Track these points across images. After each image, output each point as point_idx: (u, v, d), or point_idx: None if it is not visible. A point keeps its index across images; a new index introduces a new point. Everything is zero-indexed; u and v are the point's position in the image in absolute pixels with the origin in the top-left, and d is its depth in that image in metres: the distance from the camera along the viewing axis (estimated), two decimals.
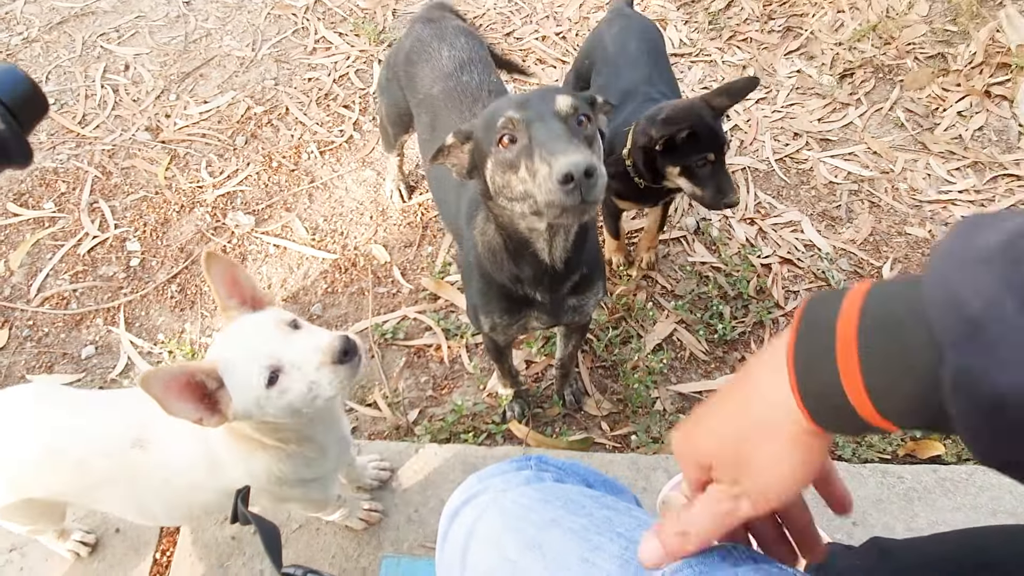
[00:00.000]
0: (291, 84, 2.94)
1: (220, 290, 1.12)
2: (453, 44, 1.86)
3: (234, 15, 3.25)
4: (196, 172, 2.61)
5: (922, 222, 2.44)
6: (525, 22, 3.23)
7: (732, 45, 3.10)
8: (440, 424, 1.93)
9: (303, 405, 1.06)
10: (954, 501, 1.73)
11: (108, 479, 1.22)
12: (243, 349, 1.06)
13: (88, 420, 1.24)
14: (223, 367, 1.03)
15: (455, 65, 1.81)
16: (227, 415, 1.04)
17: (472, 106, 1.73)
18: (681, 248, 2.38)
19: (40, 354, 2.13)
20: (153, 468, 1.21)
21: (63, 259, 2.35)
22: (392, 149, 2.33)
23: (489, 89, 1.77)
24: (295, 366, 1.04)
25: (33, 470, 1.22)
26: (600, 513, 0.85)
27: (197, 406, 1.02)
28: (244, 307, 1.14)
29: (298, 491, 1.34)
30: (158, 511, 1.29)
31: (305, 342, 1.07)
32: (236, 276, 1.13)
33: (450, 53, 1.84)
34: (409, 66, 1.92)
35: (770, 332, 2.17)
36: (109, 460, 1.20)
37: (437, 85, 1.81)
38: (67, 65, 3.00)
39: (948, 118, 2.75)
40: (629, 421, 1.98)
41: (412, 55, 1.91)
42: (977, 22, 2.96)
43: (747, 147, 2.69)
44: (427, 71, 1.85)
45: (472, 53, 1.85)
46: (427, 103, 1.84)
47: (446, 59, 1.83)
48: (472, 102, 1.74)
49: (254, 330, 1.08)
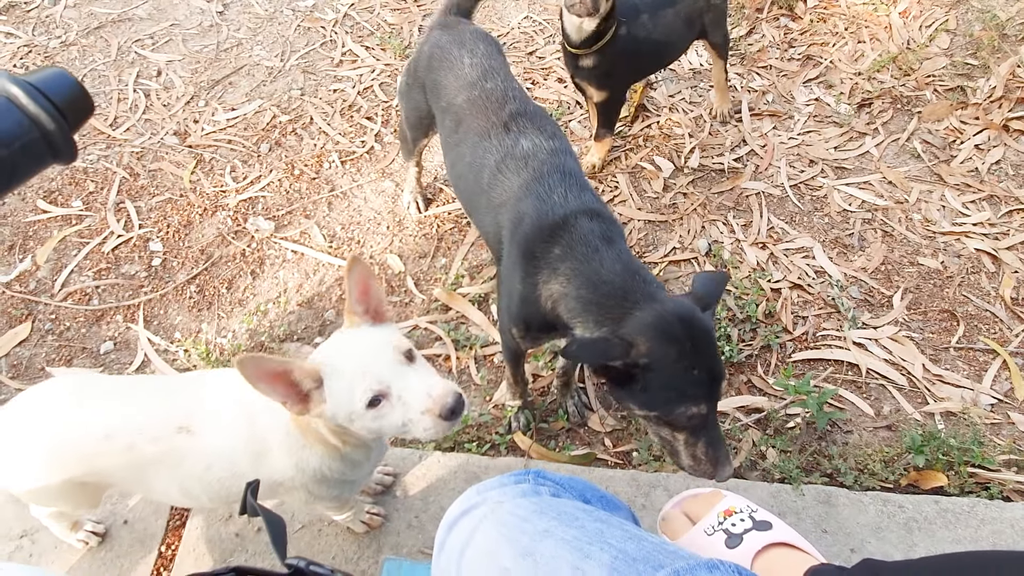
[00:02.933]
0: (316, 95, 3.01)
1: (352, 294, 1.17)
2: (473, 51, 1.91)
3: (265, 26, 3.33)
4: (220, 177, 2.68)
5: (935, 253, 2.44)
6: (548, 42, 3.28)
7: (752, 71, 3.12)
8: None
9: (391, 433, 1.11)
10: (954, 533, 1.73)
11: (154, 462, 1.27)
12: (355, 362, 1.10)
13: (137, 406, 1.29)
14: (328, 371, 1.08)
15: (478, 73, 1.86)
16: (313, 411, 1.10)
17: (499, 111, 1.77)
18: (692, 270, 2.41)
19: (60, 347, 2.19)
20: (197, 453, 1.26)
21: (88, 256, 2.42)
22: (411, 156, 2.37)
23: (512, 95, 1.82)
24: (401, 400, 1.07)
25: (86, 453, 1.27)
26: (592, 525, 0.88)
27: (287, 392, 1.08)
28: (366, 316, 1.19)
29: (335, 491, 1.39)
30: (200, 494, 1.33)
31: (419, 381, 1.09)
32: (369, 286, 1.19)
33: (471, 61, 1.89)
34: (431, 72, 1.97)
35: (777, 356, 2.18)
36: (156, 445, 1.25)
37: (461, 95, 1.86)
38: (102, 69, 3.09)
39: (965, 151, 2.75)
40: (632, 438, 1.99)
41: (433, 62, 1.97)
42: (998, 56, 2.97)
43: (762, 172, 2.71)
44: (451, 79, 1.90)
45: (492, 60, 1.91)
46: (451, 111, 1.88)
47: (468, 67, 1.88)
48: (498, 108, 1.78)
49: (371, 347, 1.12)
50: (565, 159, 1.67)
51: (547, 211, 1.54)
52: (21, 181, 0.81)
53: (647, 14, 2.35)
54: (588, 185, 1.65)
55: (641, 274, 1.43)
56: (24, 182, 0.81)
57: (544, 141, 1.70)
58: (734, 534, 1.16)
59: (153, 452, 1.25)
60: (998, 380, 2.13)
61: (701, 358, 1.30)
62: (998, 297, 2.33)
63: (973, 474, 1.88)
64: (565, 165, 1.64)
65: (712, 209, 2.59)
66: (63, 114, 0.79)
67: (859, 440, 2.00)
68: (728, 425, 2.02)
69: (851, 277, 2.38)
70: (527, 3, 3.47)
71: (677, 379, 1.29)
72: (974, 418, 2.02)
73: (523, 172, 1.64)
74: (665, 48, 2.53)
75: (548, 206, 1.55)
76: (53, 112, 0.77)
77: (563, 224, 1.50)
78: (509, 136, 1.71)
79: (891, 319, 2.27)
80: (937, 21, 3.14)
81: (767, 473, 1.92)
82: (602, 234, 1.49)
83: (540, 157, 1.66)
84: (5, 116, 0.75)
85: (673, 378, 1.29)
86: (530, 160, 1.65)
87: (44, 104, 0.77)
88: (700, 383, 1.31)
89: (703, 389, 1.31)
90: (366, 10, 3.41)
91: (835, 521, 1.75)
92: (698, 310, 1.35)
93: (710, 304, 1.38)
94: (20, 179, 0.80)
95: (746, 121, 2.89)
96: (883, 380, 2.13)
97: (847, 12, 3.28)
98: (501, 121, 1.75)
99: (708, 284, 1.43)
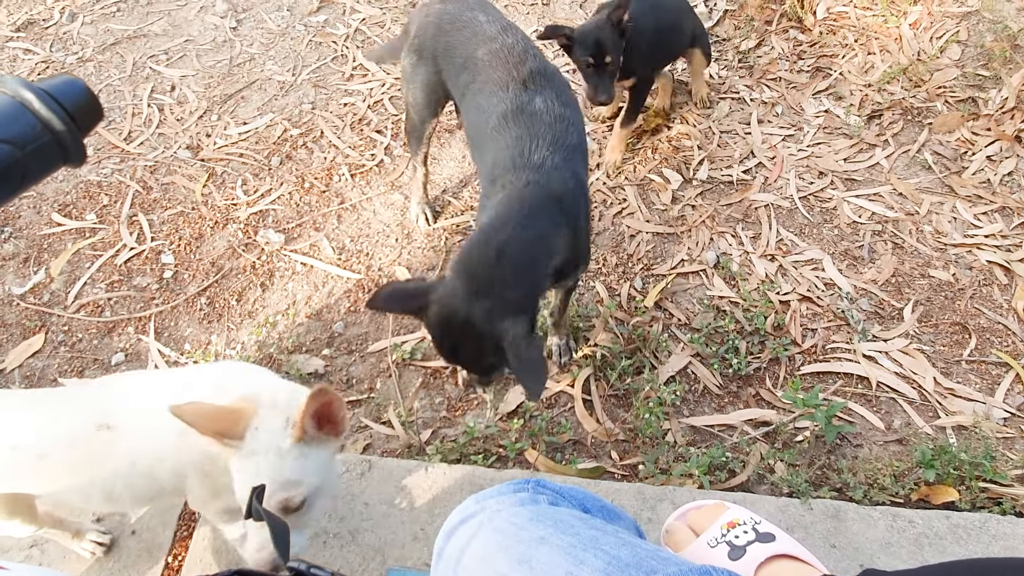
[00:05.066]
0: (327, 108, 3.04)
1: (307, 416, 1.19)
2: (486, 10, 1.98)
3: (277, 41, 3.38)
4: (231, 190, 2.71)
5: (946, 265, 2.42)
6: (557, 55, 3.30)
7: (761, 83, 3.12)
8: (452, 445, 1.96)
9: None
10: (966, 549, 1.70)
11: (72, 467, 1.27)
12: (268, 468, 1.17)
13: (48, 416, 1.29)
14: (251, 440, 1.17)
15: (497, 28, 1.91)
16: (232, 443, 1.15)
17: (520, 65, 1.81)
18: (700, 282, 2.40)
19: (73, 359, 2.21)
20: (121, 450, 1.26)
21: (100, 269, 2.45)
22: (419, 150, 2.37)
23: (533, 53, 1.86)
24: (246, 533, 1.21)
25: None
26: (587, 532, 0.88)
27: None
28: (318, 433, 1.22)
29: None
30: (123, 493, 1.32)
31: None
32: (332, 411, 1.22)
33: (487, 18, 1.94)
34: (442, 36, 2.00)
35: (786, 368, 2.16)
36: (74, 448, 1.25)
37: (481, 48, 1.89)
38: (117, 84, 3.14)
39: (977, 162, 2.73)
40: (639, 451, 1.98)
41: (444, 26, 2.00)
42: (1010, 67, 2.95)
43: (771, 184, 2.71)
44: (467, 36, 1.94)
45: (507, 20, 1.96)
46: (468, 66, 1.92)
47: (485, 23, 1.93)
48: (519, 62, 1.82)
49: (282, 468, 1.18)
50: (568, 129, 1.72)
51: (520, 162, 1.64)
52: (34, 182, 0.84)
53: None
54: (576, 162, 1.72)
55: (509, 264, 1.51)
56: (36, 183, 0.84)
57: (557, 106, 1.74)
58: (737, 546, 1.15)
59: (70, 457, 1.25)
60: (1011, 393, 2.10)
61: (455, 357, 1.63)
62: (1011, 309, 2.30)
63: (985, 489, 1.85)
64: (564, 136, 1.70)
65: (721, 221, 2.59)
66: (73, 118, 0.82)
67: (869, 454, 1.98)
68: (736, 438, 2.01)
69: (861, 289, 2.37)
70: (536, 17, 3.50)
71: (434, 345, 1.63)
72: (986, 432, 1.99)
73: (525, 127, 1.70)
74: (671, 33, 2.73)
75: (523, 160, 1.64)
76: (64, 116, 0.81)
77: (519, 179, 1.61)
78: (526, 92, 1.76)
79: (902, 332, 2.25)
80: (948, 32, 3.13)
81: (775, 487, 1.90)
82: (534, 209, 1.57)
83: (546, 120, 1.71)
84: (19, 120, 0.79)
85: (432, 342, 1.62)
86: (536, 118, 1.71)
87: (56, 108, 0.80)
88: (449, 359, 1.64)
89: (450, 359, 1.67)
90: (377, 25, 3.45)
91: (844, 536, 1.73)
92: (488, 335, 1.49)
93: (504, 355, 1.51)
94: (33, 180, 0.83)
95: (755, 133, 2.89)
96: (893, 393, 2.11)
97: (857, 24, 3.28)
98: (521, 76, 1.79)
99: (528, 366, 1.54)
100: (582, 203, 1.74)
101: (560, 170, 1.64)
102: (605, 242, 2.53)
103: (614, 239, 2.53)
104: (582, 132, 1.80)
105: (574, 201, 1.67)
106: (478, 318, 1.46)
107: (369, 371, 2.18)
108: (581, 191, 1.73)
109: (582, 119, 1.83)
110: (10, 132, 0.77)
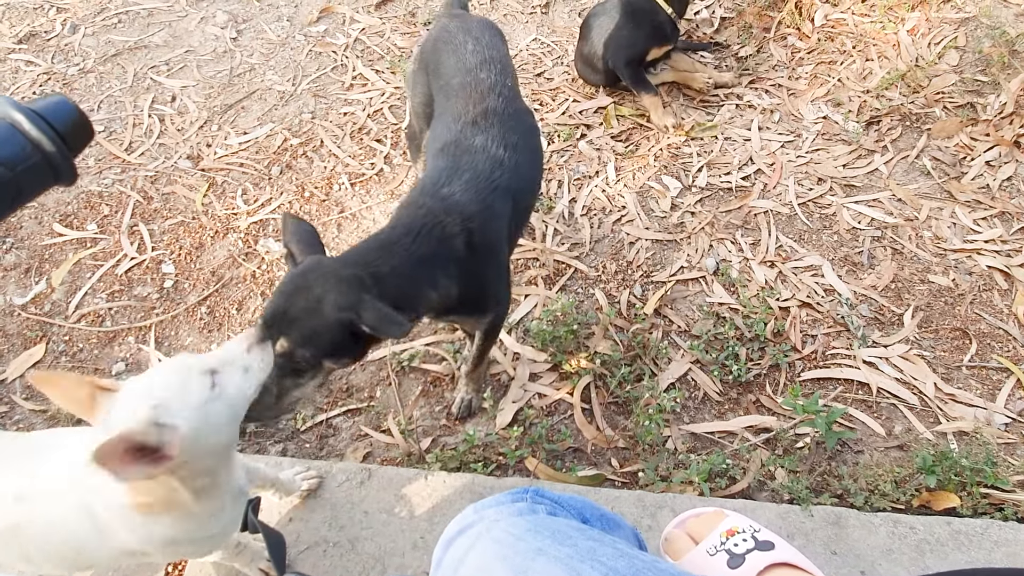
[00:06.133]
0: (327, 118, 3.05)
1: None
2: (478, 39, 1.98)
3: (277, 51, 3.39)
4: (232, 199, 2.71)
5: (946, 271, 2.42)
6: (556, 63, 3.31)
7: (760, 90, 3.13)
8: (451, 453, 1.96)
9: (243, 398, 1.13)
10: (968, 555, 1.70)
11: None
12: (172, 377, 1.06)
13: None
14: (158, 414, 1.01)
15: (477, 60, 1.92)
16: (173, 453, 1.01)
17: (479, 103, 1.82)
18: (700, 288, 2.40)
19: (74, 368, 2.22)
20: (34, 523, 1.18)
21: (101, 278, 2.46)
22: (418, 157, 2.39)
23: (499, 92, 1.86)
24: (227, 362, 1.12)
25: None
26: (584, 544, 0.88)
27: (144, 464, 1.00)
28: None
29: (199, 548, 1.32)
30: (42, 562, 1.23)
31: (225, 346, 1.16)
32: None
33: (474, 47, 1.95)
34: (435, 53, 2.03)
35: (786, 375, 2.16)
36: None
37: (457, 77, 1.91)
38: (118, 95, 3.15)
39: (976, 167, 2.73)
40: (639, 458, 1.98)
41: (439, 44, 2.03)
42: (1008, 73, 2.95)
43: (770, 190, 2.71)
44: (452, 60, 1.96)
45: (493, 51, 1.97)
46: (445, 90, 1.94)
47: (470, 53, 1.94)
48: (479, 100, 1.83)
49: (164, 367, 1.09)
50: (498, 172, 1.69)
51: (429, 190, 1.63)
52: (25, 201, 0.84)
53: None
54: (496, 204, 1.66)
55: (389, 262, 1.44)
56: (28, 202, 0.85)
57: (495, 148, 1.73)
58: (736, 554, 1.15)
59: None
60: (1012, 399, 2.10)
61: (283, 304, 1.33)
62: (1011, 315, 2.30)
63: (986, 495, 1.85)
64: (489, 176, 1.67)
65: (720, 228, 2.59)
66: (64, 138, 0.82)
67: (869, 460, 1.97)
68: (736, 445, 2.00)
69: (861, 295, 2.37)
70: (535, 26, 3.51)
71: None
72: (987, 438, 1.98)
73: (453, 160, 1.70)
74: None
75: (433, 188, 1.63)
76: (54, 137, 0.81)
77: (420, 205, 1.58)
78: (471, 129, 1.77)
79: (902, 337, 2.24)
80: (946, 38, 3.13)
81: (776, 494, 1.90)
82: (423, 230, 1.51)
83: (478, 158, 1.70)
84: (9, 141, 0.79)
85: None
86: (468, 155, 1.70)
87: (45, 129, 0.80)
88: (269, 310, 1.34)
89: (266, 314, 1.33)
90: (376, 34, 3.47)
91: (845, 543, 1.73)
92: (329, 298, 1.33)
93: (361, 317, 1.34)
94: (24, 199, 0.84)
95: (754, 139, 2.90)
96: (894, 399, 2.10)
97: (855, 30, 3.28)
98: (473, 113, 1.80)
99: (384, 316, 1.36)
100: (491, 244, 1.66)
101: (467, 207, 1.58)
102: (604, 249, 2.53)
103: (613, 246, 2.54)
104: (520, 178, 1.73)
105: (477, 241, 1.58)
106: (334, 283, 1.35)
107: (369, 379, 2.18)
108: (491, 232, 1.65)
109: (526, 164, 1.78)
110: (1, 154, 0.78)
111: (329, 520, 1.76)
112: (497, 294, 1.77)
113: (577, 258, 2.50)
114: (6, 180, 0.77)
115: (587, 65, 3.10)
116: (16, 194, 0.80)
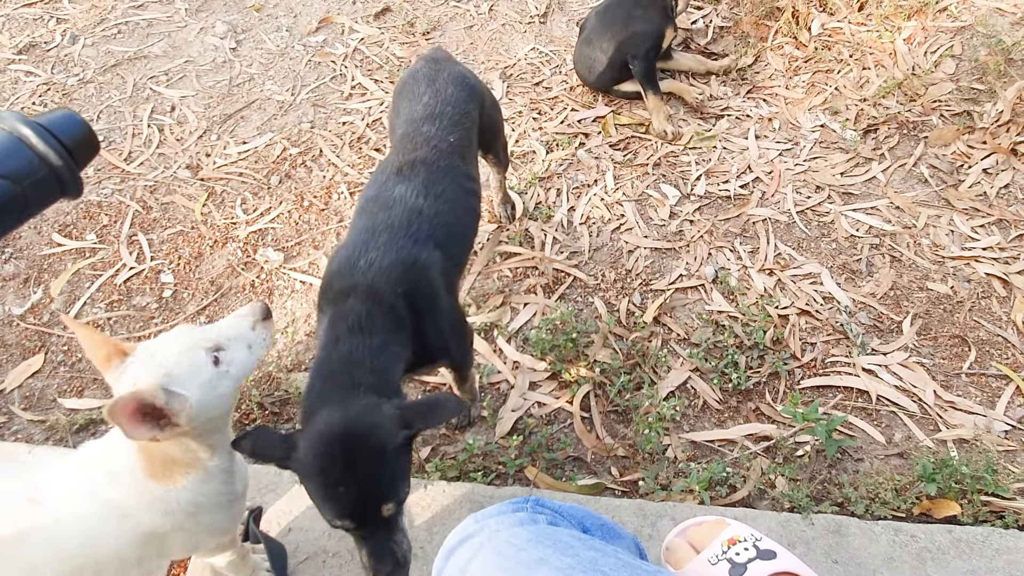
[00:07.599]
0: (326, 127, 3.06)
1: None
2: (437, 92, 1.91)
3: (276, 61, 3.40)
4: (231, 209, 2.72)
5: (944, 278, 2.43)
6: (555, 72, 3.33)
7: (758, 99, 3.14)
8: (451, 462, 1.96)
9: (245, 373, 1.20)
10: (969, 563, 1.70)
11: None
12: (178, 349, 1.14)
13: None
14: (166, 380, 1.10)
15: (426, 114, 1.85)
16: (181, 420, 1.10)
17: (409, 152, 1.75)
18: (699, 296, 2.40)
19: (72, 379, 2.21)
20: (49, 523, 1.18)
21: (100, 288, 2.46)
22: None
23: (435, 145, 1.78)
24: (231, 338, 1.18)
25: None
26: (586, 554, 0.88)
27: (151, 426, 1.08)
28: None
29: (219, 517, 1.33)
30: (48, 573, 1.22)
31: (228, 320, 1.22)
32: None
33: (429, 100, 1.88)
34: (398, 97, 2.01)
35: (785, 383, 2.16)
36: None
37: (402, 127, 1.87)
38: (117, 105, 3.16)
39: (973, 175, 2.74)
40: (639, 467, 1.98)
41: (403, 88, 2.00)
42: (1004, 81, 2.97)
43: (768, 198, 2.72)
44: (405, 108, 1.92)
45: (447, 107, 1.88)
46: (394, 135, 1.92)
47: (422, 106, 1.88)
48: (412, 150, 1.76)
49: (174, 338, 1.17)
50: (416, 222, 1.60)
51: (346, 270, 1.53)
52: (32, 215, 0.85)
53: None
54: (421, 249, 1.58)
55: (360, 368, 1.38)
56: (34, 215, 0.86)
57: (414, 197, 1.64)
58: (738, 563, 1.14)
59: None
60: (1012, 406, 2.10)
61: (350, 477, 1.25)
62: (1010, 322, 2.31)
63: (987, 503, 1.84)
64: (409, 229, 1.59)
65: (719, 236, 2.60)
66: (71, 152, 0.83)
67: (870, 468, 1.97)
68: (736, 453, 2.00)
69: (859, 303, 2.37)
70: (534, 35, 3.53)
71: (321, 492, 1.27)
72: (987, 445, 1.98)
73: (370, 218, 1.61)
74: None
75: (350, 265, 1.53)
76: (61, 151, 0.82)
77: (344, 292, 1.49)
78: (393, 179, 1.69)
79: (901, 345, 2.25)
80: (942, 47, 3.15)
81: (776, 502, 1.89)
82: (361, 318, 1.45)
83: (395, 211, 1.61)
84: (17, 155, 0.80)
85: (317, 489, 1.28)
86: (386, 209, 1.62)
87: (53, 143, 0.81)
88: (344, 501, 1.26)
89: (347, 508, 1.27)
90: (375, 44, 3.48)
91: (846, 551, 1.72)
92: (379, 427, 1.28)
93: (412, 425, 1.30)
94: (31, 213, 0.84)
95: (752, 148, 2.91)
96: (894, 407, 2.10)
97: (852, 39, 3.30)
98: (399, 163, 1.72)
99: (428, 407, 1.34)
100: (430, 296, 1.60)
101: (392, 271, 1.52)
102: (603, 257, 2.53)
103: (612, 254, 2.54)
104: (440, 225, 1.65)
105: (415, 299, 1.54)
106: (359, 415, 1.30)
107: None
108: (424, 285, 1.59)
109: (447, 212, 1.69)
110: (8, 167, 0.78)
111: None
112: (455, 331, 1.74)
113: (576, 266, 2.50)
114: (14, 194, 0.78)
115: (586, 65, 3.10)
116: (23, 208, 0.81)
